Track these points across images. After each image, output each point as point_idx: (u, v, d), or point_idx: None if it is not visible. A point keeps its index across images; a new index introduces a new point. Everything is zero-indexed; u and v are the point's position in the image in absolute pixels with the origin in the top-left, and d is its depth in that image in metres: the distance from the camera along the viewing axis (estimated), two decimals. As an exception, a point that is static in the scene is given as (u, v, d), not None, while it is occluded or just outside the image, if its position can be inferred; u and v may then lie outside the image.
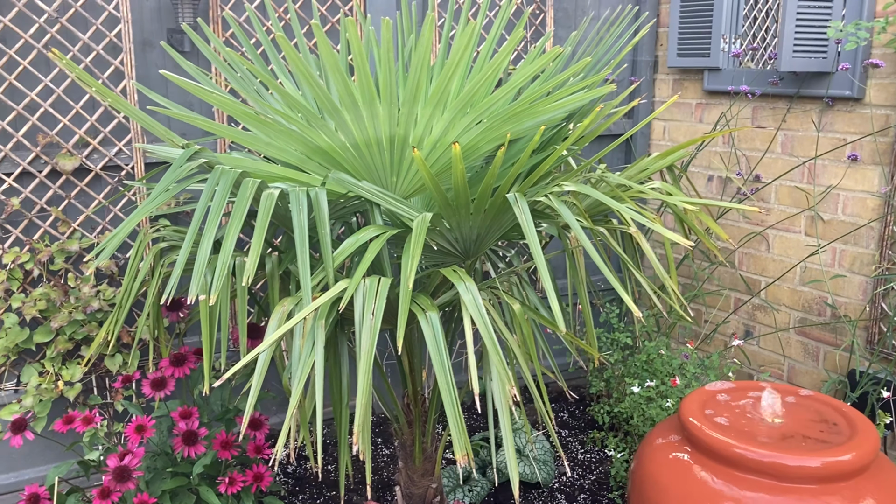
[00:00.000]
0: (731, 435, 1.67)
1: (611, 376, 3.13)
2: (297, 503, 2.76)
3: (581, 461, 3.05)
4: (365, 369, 1.55)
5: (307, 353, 1.63)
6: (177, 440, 2.20)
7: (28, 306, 2.51)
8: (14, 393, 2.66)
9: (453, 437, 1.51)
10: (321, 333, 1.63)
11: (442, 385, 1.55)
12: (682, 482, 1.68)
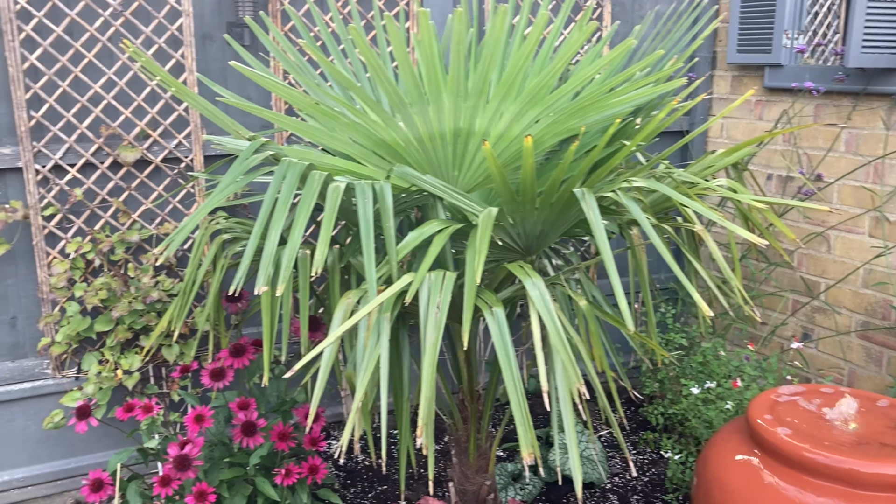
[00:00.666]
0: (802, 439, 1.63)
1: (665, 377, 3.08)
2: (348, 496, 2.77)
3: (633, 462, 3.01)
4: (430, 363, 1.54)
5: (372, 347, 1.62)
6: (236, 430, 2.21)
7: (90, 295, 2.55)
8: (75, 380, 2.71)
9: (519, 433, 1.50)
10: (386, 327, 1.62)
11: (508, 381, 1.53)
12: (750, 486, 1.65)
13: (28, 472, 2.73)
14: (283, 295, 1.94)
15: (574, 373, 1.52)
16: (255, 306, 2.50)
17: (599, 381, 1.73)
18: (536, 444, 1.50)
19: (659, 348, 1.66)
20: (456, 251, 2.05)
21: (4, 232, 2.56)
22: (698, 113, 3.58)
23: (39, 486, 2.76)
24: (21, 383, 2.67)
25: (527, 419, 1.50)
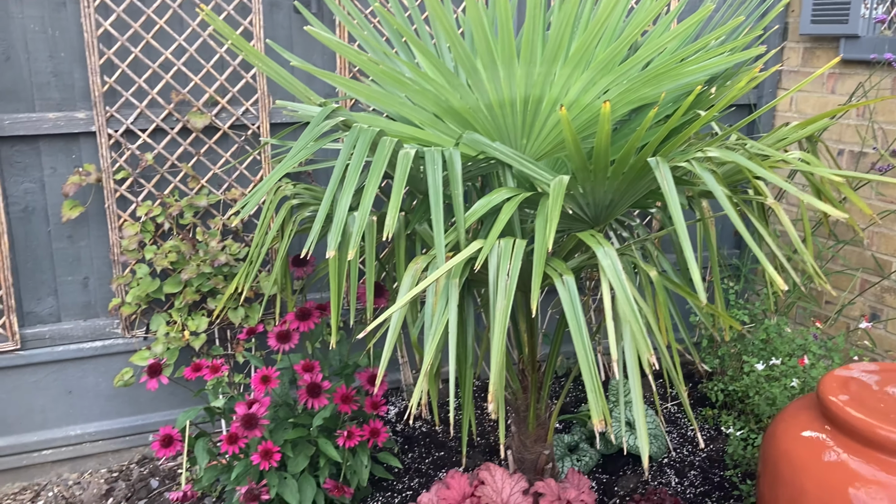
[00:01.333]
0: (875, 416, 1.60)
1: (725, 353, 3.04)
2: (406, 461, 2.81)
3: (691, 438, 2.99)
4: (500, 330, 1.55)
5: (440, 312, 1.63)
6: (301, 392, 2.26)
7: (159, 258, 2.62)
8: (143, 340, 2.80)
9: (590, 400, 1.50)
10: (455, 292, 1.63)
11: (579, 348, 1.53)
12: (820, 461, 1.62)
13: (99, 427, 2.83)
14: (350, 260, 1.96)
15: (644, 343, 1.51)
16: (319, 272, 2.54)
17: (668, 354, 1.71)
18: (607, 411, 1.49)
19: (731, 320, 1.63)
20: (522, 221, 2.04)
21: (78, 195, 2.64)
22: (766, 87, 3.48)
23: (109, 440, 2.86)
24: (93, 342, 2.77)
25: (597, 386, 1.50)
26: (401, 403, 3.15)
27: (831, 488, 1.58)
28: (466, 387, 1.92)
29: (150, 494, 2.73)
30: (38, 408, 2.75)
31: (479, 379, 3.36)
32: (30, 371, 2.71)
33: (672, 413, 3.16)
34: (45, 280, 2.69)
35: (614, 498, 2.65)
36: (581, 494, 2.04)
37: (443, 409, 3.14)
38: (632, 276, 1.82)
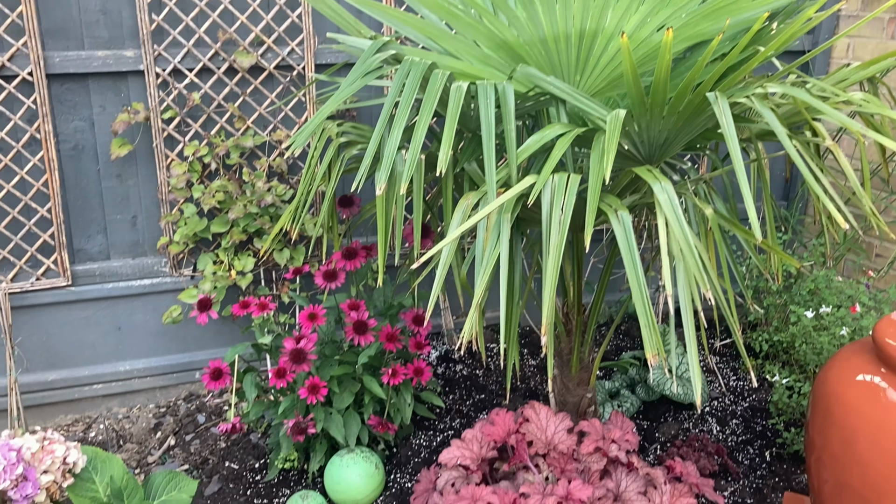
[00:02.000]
0: (934, 361, 1.57)
1: (771, 305, 3.01)
2: (447, 402, 2.84)
3: (733, 388, 2.97)
4: (553, 265, 1.54)
5: (492, 247, 1.63)
6: (348, 329, 2.28)
7: (207, 197, 2.64)
8: (191, 279, 2.84)
9: (644, 336, 1.49)
10: (507, 227, 1.62)
11: (633, 285, 1.52)
12: (875, 404, 1.60)
13: (147, 364, 2.90)
14: (395, 197, 1.96)
15: (701, 277, 1.49)
16: (364, 213, 2.54)
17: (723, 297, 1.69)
18: (661, 346, 1.49)
19: (789, 258, 1.60)
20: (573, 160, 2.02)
21: (126, 133, 2.66)
22: (822, 33, 3.37)
23: (157, 377, 2.92)
24: (141, 280, 2.81)
25: (651, 321, 1.49)
26: (442, 347, 3.17)
27: (886, 429, 1.56)
28: (513, 325, 1.92)
29: (198, 429, 2.80)
30: (88, 343, 2.82)
31: (520, 326, 3.37)
32: (80, 307, 2.77)
33: (714, 363, 3.14)
34: (94, 218, 2.73)
35: (655, 444, 2.65)
36: (626, 435, 2.04)
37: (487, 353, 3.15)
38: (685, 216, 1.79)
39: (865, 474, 1.59)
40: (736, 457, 2.58)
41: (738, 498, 2.40)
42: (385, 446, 2.57)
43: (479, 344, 1.71)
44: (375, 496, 2.38)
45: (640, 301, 1.49)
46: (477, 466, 2.02)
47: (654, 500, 1.94)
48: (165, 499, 1.75)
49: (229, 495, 2.45)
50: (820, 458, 1.72)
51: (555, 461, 1.99)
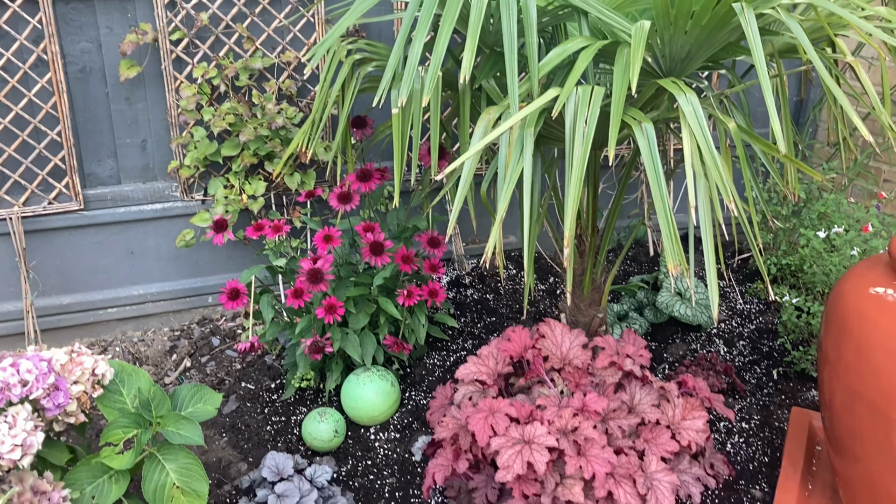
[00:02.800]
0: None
1: (780, 229, 3.02)
2: (459, 325, 2.87)
3: (740, 310, 3.01)
4: (577, 177, 1.54)
5: (515, 161, 1.63)
6: (364, 250, 2.29)
7: (217, 119, 2.62)
8: (202, 204, 2.83)
9: (666, 246, 1.50)
10: (530, 141, 1.62)
11: (656, 196, 1.53)
12: (890, 315, 1.63)
13: (160, 288, 2.92)
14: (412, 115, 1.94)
15: (724, 189, 1.50)
16: (377, 134, 2.52)
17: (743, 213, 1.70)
18: (683, 257, 1.50)
19: (811, 170, 1.61)
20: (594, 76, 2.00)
21: (135, 55, 2.62)
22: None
23: (170, 301, 2.95)
24: (152, 204, 2.81)
25: (674, 233, 1.50)
26: (452, 273, 3.19)
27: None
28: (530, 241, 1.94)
29: (213, 351, 2.84)
30: (101, 267, 2.83)
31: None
32: (93, 231, 2.78)
33: (721, 288, 3.18)
34: (104, 142, 2.71)
35: (663, 364, 2.70)
36: (639, 350, 2.08)
37: (492, 279, 3.18)
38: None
39: (879, 383, 1.63)
40: (743, 376, 2.63)
41: (745, 414, 2.45)
42: (400, 366, 2.61)
43: (500, 260, 1.72)
44: (392, 413, 2.43)
45: (663, 211, 1.50)
46: (493, 381, 2.06)
47: (667, 413, 1.99)
48: (192, 410, 1.78)
49: (247, 413, 2.50)
50: (834, 371, 1.75)
51: (570, 375, 2.03)
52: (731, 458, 2.28)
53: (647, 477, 1.84)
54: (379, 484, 2.24)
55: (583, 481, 1.82)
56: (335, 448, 2.34)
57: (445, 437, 2.01)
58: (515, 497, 1.85)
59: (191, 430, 1.68)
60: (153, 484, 1.66)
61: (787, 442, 2.12)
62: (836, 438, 1.82)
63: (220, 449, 2.39)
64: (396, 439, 2.38)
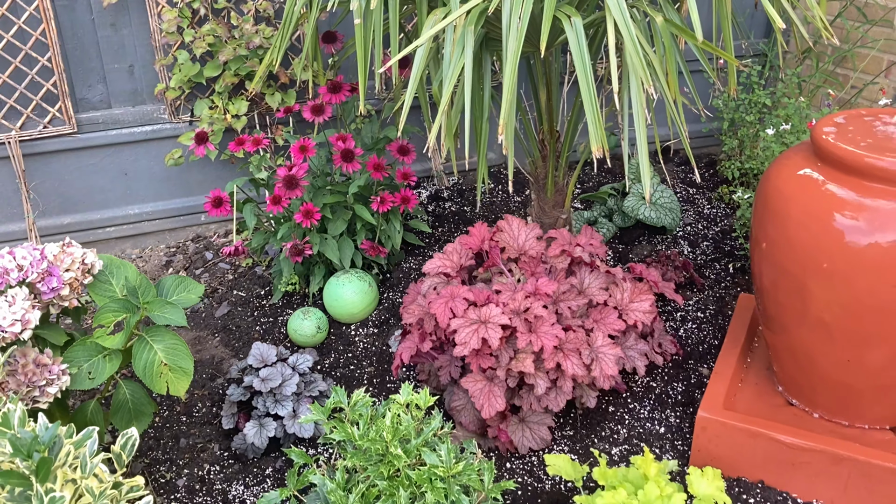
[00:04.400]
0: (863, 147, 1.72)
1: (745, 135, 3.14)
2: (436, 234, 3.03)
3: (707, 215, 3.15)
4: (511, 67, 1.67)
5: (457, 57, 1.76)
6: (336, 157, 2.45)
7: (198, 41, 2.75)
8: (189, 125, 2.99)
9: (590, 130, 1.64)
10: (471, 38, 1.75)
11: (583, 84, 1.66)
12: (809, 193, 1.76)
13: (154, 207, 3.09)
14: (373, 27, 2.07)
15: (644, 73, 1.63)
16: (347, 50, 2.65)
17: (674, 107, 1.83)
18: (605, 140, 1.64)
19: (725, 54, 1.73)
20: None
21: (117, -19, 2.74)
22: None
23: (165, 219, 3.13)
24: (142, 126, 2.97)
25: (597, 114, 1.64)
26: (432, 188, 3.35)
27: (814, 213, 1.73)
28: (482, 138, 2.08)
29: (206, 264, 3.03)
30: (98, 188, 3.01)
31: (504, 166, 3.52)
32: (87, 154, 2.94)
33: (690, 194, 3.31)
34: (93, 67, 2.86)
35: (628, 263, 2.86)
36: (590, 240, 2.24)
37: (470, 192, 3.33)
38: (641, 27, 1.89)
39: (796, 254, 1.77)
40: (703, 272, 2.79)
41: (701, 305, 2.62)
42: (378, 270, 2.79)
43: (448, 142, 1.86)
44: (370, 311, 2.62)
45: (588, 94, 1.63)
46: (456, 273, 2.23)
47: (616, 296, 2.15)
48: (177, 298, 1.97)
49: (238, 316, 2.70)
50: (761, 250, 1.90)
51: (525, 265, 2.20)
52: (683, 342, 2.45)
53: (592, 350, 2.02)
54: (359, 373, 2.43)
55: (533, 354, 2.00)
56: (319, 343, 2.53)
57: (412, 322, 2.19)
58: (473, 371, 2.03)
59: (175, 313, 1.87)
60: (143, 361, 1.85)
61: (731, 323, 2.28)
62: (766, 314, 1.98)
63: (213, 347, 2.59)
64: (375, 334, 2.57)
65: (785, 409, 2.02)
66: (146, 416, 1.98)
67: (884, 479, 1.80)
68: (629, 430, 2.15)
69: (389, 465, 1.61)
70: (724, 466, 1.98)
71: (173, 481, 2.11)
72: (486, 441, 2.12)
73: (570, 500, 1.96)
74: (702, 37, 1.67)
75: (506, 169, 3.53)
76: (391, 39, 2.19)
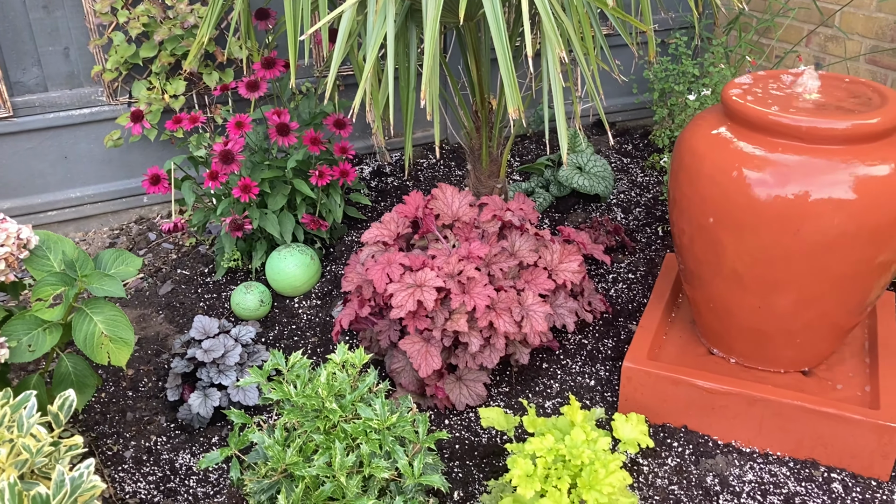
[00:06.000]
0: (769, 106, 1.82)
1: (674, 104, 3.25)
2: (379, 208, 3.10)
3: (640, 182, 3.26)
4: (430, 35, 1.74)
5: (380, 26, 1.82)
6: (271, 131, 2.49)
7: (133, 22, 2.76)
8: (128, 106, 3.00)
9: (507, 94, 1.72)
10: (392, 7, 1.81)
11: (498, 50, 1.73)
12: (719, 150, 1.86)
13: (96, 190, 3.10)
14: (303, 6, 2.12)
15: (556, 39, 1.71)
16: (280, 27, 2.69)
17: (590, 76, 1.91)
18: (521, 103, 1.72)
19: (637, 21, 1.82)
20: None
21: (48, -37, 2.74)
22: None
23: (108, 202, 3.13)
24: (80, 109, 2.97)
25: (512, 78, 1.72)
26: (374, 164, 3.40)
27: (722, 167, 1.83)
28: (408, 108, 2.15)
29: (150, 244, 3.05)
30: (37, 172, 3.00)
31: (449, 143, 3.60)
32: (25, 138, 2.94)
33: (625, 164, 3.42)
34: (27, 51, 2.85)
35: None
36: (521, 205, 2.32)
37: (413, 167, 3.40)
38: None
39: (707, 207, 1.88)
40: (635, 236, 2.90)
41: (633, 267, 2.72)
42: (321, 245, 2.84)
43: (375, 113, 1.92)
44: (313, 283, 2.67)
45: (503, 59, 1.71)
46: (394, 241, 2.30)
47: (546, 257, 2.24)
48: (115, 271, 2.00)
49: (182, 294, 2.73)
50: (678, 207, 2.00)
51: (459, 230, 2.27)
52: (614, 301, 2.56)
53: (523, 308, 2.11)
54: (302, 343, 2.49)
55: (467, 314, 2.07)
56: (262, 317, 2.58)
57: (351, 290, 2.25)
58: (411, 332, 2.11)
59: (113, 285, 1.90)
60: (83, 333, 1.89)
61: (657, 281, 2.39)
62: (686, 269, 2.08)
63: (158, 324, 2.62)
64: (318, 306, 2.63)
65: (706, 358, 2.14)
66: (89, 387, 2.01)
67: (794, 417, 1.92)
68: (562, 385, 2.25)
69: (326, 419, 1.68)
70: (650, 414, 2.08)
71: (120, 453, 2.15)
72: (425, 400, 2.20)
73: (505, 450, 2.05)
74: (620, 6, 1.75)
75: (447, 143, 3.60)
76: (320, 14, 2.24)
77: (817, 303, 1.88)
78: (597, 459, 1.73)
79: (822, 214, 1.76)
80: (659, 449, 2.01)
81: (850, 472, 1.91)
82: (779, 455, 1.97)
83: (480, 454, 2.05)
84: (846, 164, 1.76)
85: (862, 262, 1.82)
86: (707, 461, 1.96)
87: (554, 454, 1.74)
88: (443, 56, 2.80)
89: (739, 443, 2.01)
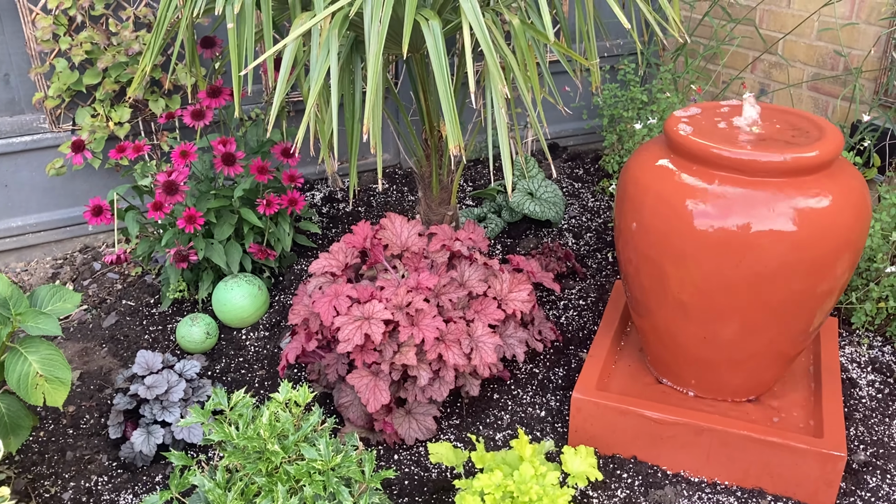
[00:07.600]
0: (711, 139, 1.84)
1: (623, 130, 3.29)
2: (330, 235, 3.07)
3: (590, 207, 3.28)
4: (373, 68, 1.73)
5: (323, 59, 1.80)
6: (217, 161, 2.45)
7: (76, 49, 2.71)
8: (71, 133, 2.93)
9: (448, 129, 1.71)
10: (335, 41, 1.79)
11: (440, 85, 1.73)
12: (662, 182, 1.88)
13: (39, 219, 3.02)
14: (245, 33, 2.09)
15: (498, 75, 1.71)
16: (227, 55, 2.65)
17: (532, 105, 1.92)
18: (461, 139, 1.71)
19: (581, 57, 1.83)
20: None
21: (-14, -11, 2.67)
22: None
23: (51, 231, 3.06)
24: (21, 136, 2.89)
25: (454, 115, 1.71)
26: (326, 189, 3.37)
27: (665, 198, 1.85)
28: (353, 138, 2.13)
29: (94, 274, 2.97)
30: (-24, 202, 2.92)
31: (402, 168, 3.58)
32: (-37, 166, 2.86)
33: (576, 188, 3.44)
34: (-35, 77, 2.78)
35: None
36: (471, 234, 2.31)
37: (365, 193, 3.38)
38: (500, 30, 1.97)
39: (650, 238, 1.89)
40: (586, 262, 2.91)
41: (583, 293, 2.73)
42: (270, 274, 2.80)
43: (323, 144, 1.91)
44: (261, 314, 2.63)
45: (445, 94, 1.70)
46: (342, 272, 2.27)
47: (495, 287, 2.24)
48: (52, 308, 1.94)
49: (127, 325, 2.67)
50: (623, 237, 2.01)
51: (409, 260, 2.26)
52: (564, 329, 2.56)
53: (472, 339, 2.09)
54: (250, 377, 2.44)
55: (416, 347, 2.05)
56: (209, 349, 2.53)
57: (298, 323, 2.22)
58: (358, 367, 2.08)
59: (49, 323, 1.84)
60: (16, 374, 1.83)
61: (606, 308, 2.39)
62: (632, 298, 2.09)
63: (101, 358, 2.55)
64: (266, 337, 2.58)
65: (654, 387, 2.14)
66: (24, 428, 1.95)
67: (740, 446, 1.93)
68: (512, 416, 2.24)
69: (268, 461, 1.64)
70: (600, 445, 2.08)
71: (58, 495, 2.08)
72: (374, 435, 2.17)
73: (454, 486, 2.02)
74: (565, 39, 1.76)
75: (400, 169, 3.59)
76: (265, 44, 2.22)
77: (761, 332, 1.90)
78: (545, 495, 1.72)
79: (763, 246, 1.78)
80: (608, 481, 2.00)
81: (796, 501, 1.93)
82: (727, 484, 1.98)
83: (430, 490, 2.02)
84: (786, 196, 1.79)
85: (804, 291, 1.84)
86: (656, 492, 1.96)
87: (502, 490, 1.72)
88: (393, 83, 2.79)
89: (688, 472, 2.02)
